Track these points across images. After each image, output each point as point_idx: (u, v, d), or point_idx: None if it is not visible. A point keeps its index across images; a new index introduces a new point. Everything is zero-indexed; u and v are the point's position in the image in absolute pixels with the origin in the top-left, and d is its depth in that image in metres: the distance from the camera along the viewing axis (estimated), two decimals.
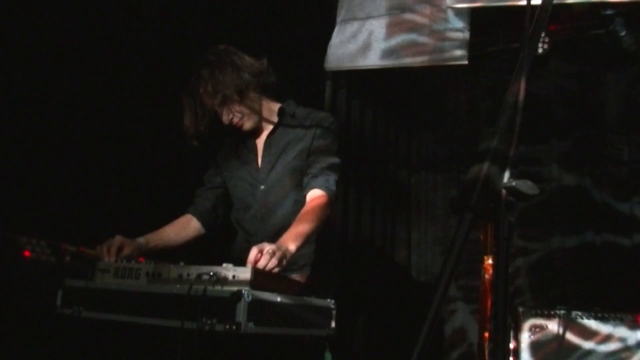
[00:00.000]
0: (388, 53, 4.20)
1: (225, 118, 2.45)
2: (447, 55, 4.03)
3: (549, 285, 4.71)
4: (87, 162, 3.13)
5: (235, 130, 2.53)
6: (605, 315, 3.34)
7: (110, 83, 3.31)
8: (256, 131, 2.57)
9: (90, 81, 3.21)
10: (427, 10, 4.11)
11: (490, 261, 3.40)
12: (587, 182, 4.77)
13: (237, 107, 2.44)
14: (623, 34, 4.33)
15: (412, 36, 4.13)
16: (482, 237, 3.44)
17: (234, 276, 1.69)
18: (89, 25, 3.20)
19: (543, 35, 4.44)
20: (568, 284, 4.60)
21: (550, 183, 4.86)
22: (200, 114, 2.40)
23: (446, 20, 4.02)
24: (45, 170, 2.92)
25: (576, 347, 3.36)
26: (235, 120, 2.47)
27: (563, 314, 3.41)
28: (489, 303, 3.36)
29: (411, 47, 4.13)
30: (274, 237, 2.36)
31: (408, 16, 4.16)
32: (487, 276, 3.40)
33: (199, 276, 1.71)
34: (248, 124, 2.50)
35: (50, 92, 3.00)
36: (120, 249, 2.19)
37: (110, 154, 3.24)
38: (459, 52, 3.98)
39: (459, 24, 4.00)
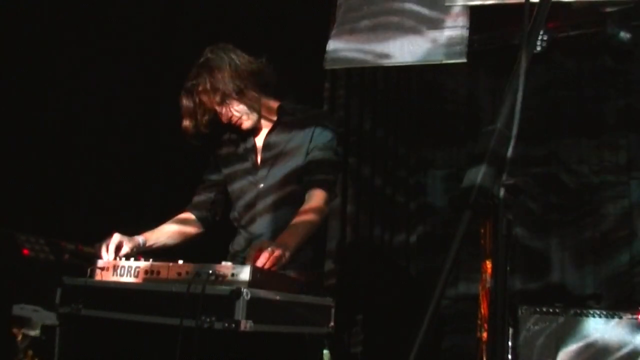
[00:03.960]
0: (385, 52, 4.19)
1: (225, 117, 2.45)
2: (446, 53, 4.03)
3: None
4: (86, 160, 3.14)
5: (234, 128, 2.52)
6: (605, 313, 3.34)
7: (110, 81, 3.32)
8: (255, 129, 2.56)
9: (90, 80, 3.21)
10: (426, 9, 4.10)
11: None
12: None
13: (236, 106, 2.43)
14: (619, 31, 4.31)
15: (407, 35, 4.12)
16: (482, 242, 3.41)
17: (232, 274, 1.69)
18: (90, 24, 3.20)
19: (542, 32, 4.41)
20: None
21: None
22: (199, 113, 2.39)
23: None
24: (44, 168, 2.92)
25: (575, 346, 3.36)
26: (235, 119, 2.46)
27: (562, 312, 3.41)
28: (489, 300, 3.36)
29: (407, 46, 4.12)
30: (273, 236, 2.37)
31: (402, 16, 4.15)
32: (487, 275, 3.39)
33: (198, 274, 1.71)
34: (247, 123, 2.49)
35: (49, 91, 3.00)
36: (118, 247, 2.19)
37: (109, 152, 3.24)
38: (458, 50, 3.98)
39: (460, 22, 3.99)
